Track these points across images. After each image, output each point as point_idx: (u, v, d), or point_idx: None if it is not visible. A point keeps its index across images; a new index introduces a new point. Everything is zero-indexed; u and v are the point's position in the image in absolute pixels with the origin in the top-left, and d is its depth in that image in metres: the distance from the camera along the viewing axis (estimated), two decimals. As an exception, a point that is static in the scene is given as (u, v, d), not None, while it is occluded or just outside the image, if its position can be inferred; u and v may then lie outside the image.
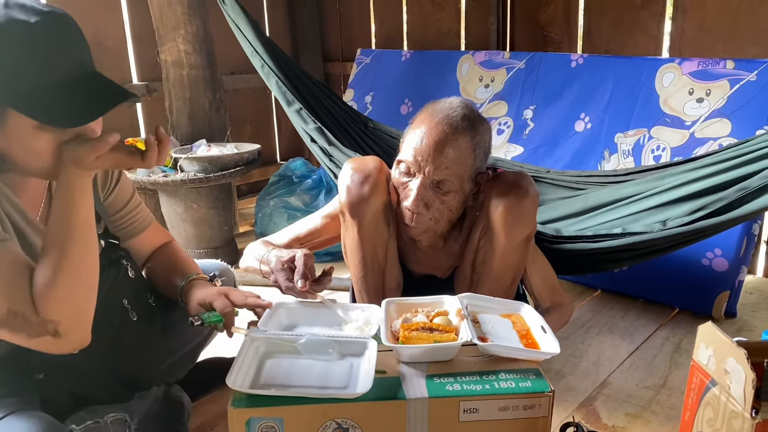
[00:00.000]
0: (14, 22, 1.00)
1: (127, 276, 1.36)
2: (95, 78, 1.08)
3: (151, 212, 1.51)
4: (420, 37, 3.36)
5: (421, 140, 1.40)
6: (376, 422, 1.08)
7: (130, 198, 1.43)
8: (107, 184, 1.38)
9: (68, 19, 1.08)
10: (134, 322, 1.34)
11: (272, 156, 3.71)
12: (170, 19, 2.65)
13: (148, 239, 1.48)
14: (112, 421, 1.24)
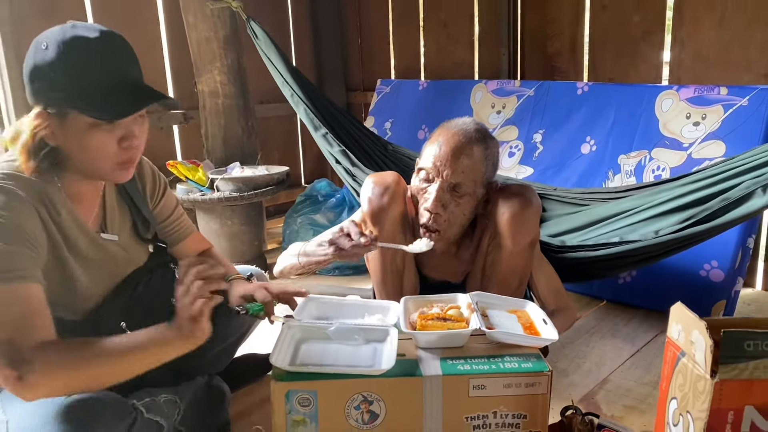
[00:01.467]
0: (79, 38, 1.22)
1: (176, 278, 1.57)
2: (142, 86, 1.28)
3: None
4: (436, 67, 3.59)
5: (439, 148, 1.60)
6: (396, 396, 1.25)
7: (174, 208, 1.63)
8: (155, 194, 1.57)
9: (121, 38, 1.29)
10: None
11: (297, 179, 3.93)
12: (207, 53, 2.90)
13: (191, 245, 1.68)
14: (164, 401, 1.41)
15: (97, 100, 1.22)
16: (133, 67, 1.29)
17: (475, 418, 1.27)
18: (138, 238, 1.50)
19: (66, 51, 1.21)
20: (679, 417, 1.07)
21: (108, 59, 1.25)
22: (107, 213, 1.44)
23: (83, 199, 1.37)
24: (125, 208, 1.48)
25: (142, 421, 1.30)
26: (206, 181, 2.64)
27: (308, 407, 1.24)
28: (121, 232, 1.46)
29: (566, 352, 2.04)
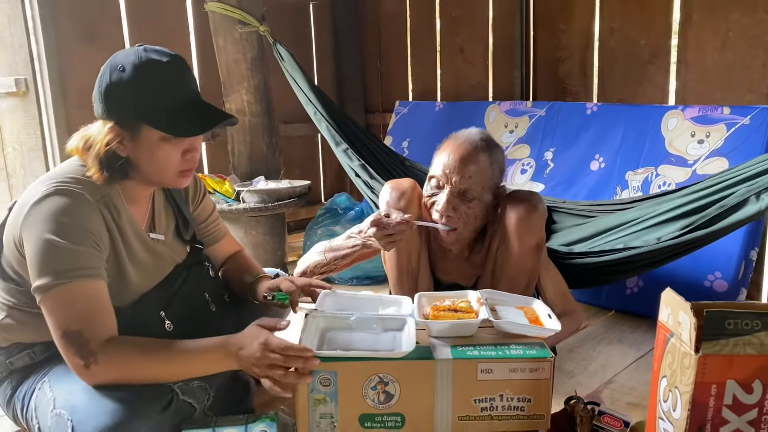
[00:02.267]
0: (153, 62, 1.38)
1: (209, 275, 1.70)
2: (204, 104, 1.45)
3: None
4: (452, 90, 3.74)
5: (448, 157, 1.73)
6: (410, 378, 1.36)
7: (211, 212, 1.79)
8: (196, 198, 1.73)
9: (185, 62, 1.45)
10: (212, 311, 1.66)
11: (317, 197, 4.08)
12: (236, 74, 3.07)
13: (225, 246, 1.83)
14: (196, 386, 1.53)
15: (169, 118, 1.37)
16: (196, 86, 1.46)
17: (482, 401, 1.37)
18: (179, 239, 1.64)
19: (141, 73, 1.36)
20: (668, 393, 1.17)
21: (178, 81, 1.41)
22: (156, 215, 1.59)
23: (137, 202, 1.52)
24: (170, 211, 1.64)
25: (177, 401, 1.42)
26: (233, 193, 2.79)
27: (329, 387, 1.35)
28: (166, 233, 1.60)
29: (573, 356, 2.13)
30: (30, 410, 1.46)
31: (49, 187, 1.38)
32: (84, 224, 1.35)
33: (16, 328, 1.51)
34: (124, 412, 1.31)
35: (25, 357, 1.52)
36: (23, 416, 1.50)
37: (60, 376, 1.44)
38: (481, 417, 1.38)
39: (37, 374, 1.49)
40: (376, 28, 4.10)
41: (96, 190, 1.42)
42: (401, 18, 3.97)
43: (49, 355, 1.51)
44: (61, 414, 1.37)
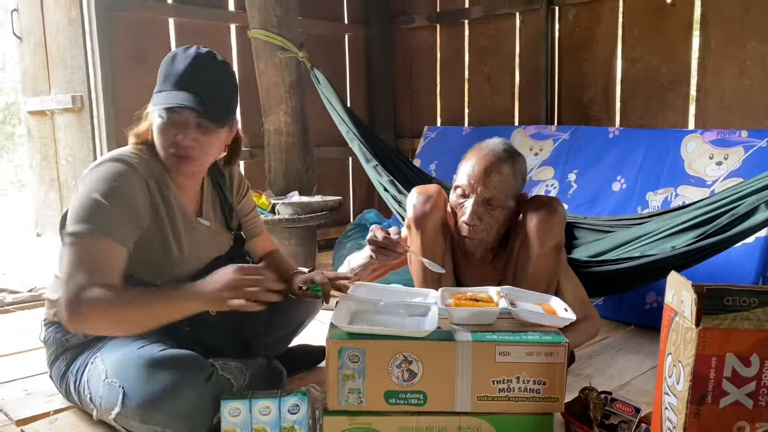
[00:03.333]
0: (176, 53, 1.61)
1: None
2: (195, 94, 1.58)
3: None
4: (479, 115, 3.90)
5: (472, 168, 1.85)
6: (432, 357, 1.45)
7: (252, 209, 1.95)
8: (240, 191, 1.90)
9: (210, 60, 1.62)
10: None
11: (347, 217, 4.23)
12: (275, 97, 3.26)
13: (262, 243, 1.98)
14: (234, 366, 1.65)
15: (158, 97, 1.56)
16: (201, 79, 1.55)
17: (501, 382, 1.46)
18: (224, 227, 1.80)
19: (165, 61, 1.61)
20: (672, 369, 1.26)
21: (184, 71, 1.55)
22: (204, 202, 1.75)
23: (184, 188, 1.69)
24: (217, 200, 1.80)
25: (217, 375, 1.55)
26: (268, 205, 2.95)
27: (357, 363, 1.46)
28: (213, 220, 1.76)
29: (591, 362, 2.21)
30: (83, 383, 1.60)
31: (107, 156, 1.58)
32: (128, 193, 1.52)
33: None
34: (172, 379, 1.45)
35: (79, 334, 1.66)
36: (75, 390, 1.64)
37: (111, 350, 1.58)
38: (498, 397, 1.46)
39: (89, 351, 1.64)
40: (407, 58, 4.30)
41: (150, 166, 1.61)
42: (432, 48, 4.16)
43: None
44: (113, 383, 1.50)
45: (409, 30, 4.26)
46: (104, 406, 1.50)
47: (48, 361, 1.75)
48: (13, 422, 1.74)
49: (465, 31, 3.96)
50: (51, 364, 1.74)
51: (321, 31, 4.08)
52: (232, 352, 1.72)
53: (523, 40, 3.63)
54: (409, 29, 4.26)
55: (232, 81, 1.65)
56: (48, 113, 3.20)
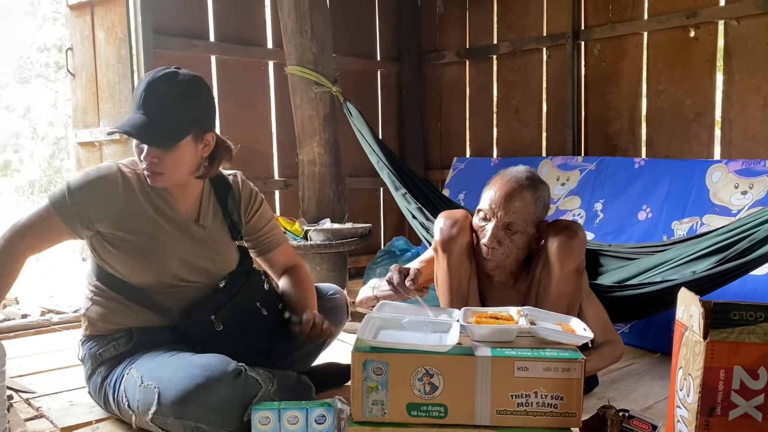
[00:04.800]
0: (147, 76, 1.74)
1: (263, 287, 1.95)
2: (141, 116, 1.73)
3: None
4: (507, 147, 3.99)
5: (494, 193, 1.93)
6: (453, 372, 1.51)
7: (267, 222, 2.05)
8: (249, 207, 2.00)
9: (168, 79, 1.73)
10: (264, 315, 1.90)
11: (377, 245, 4.32)
12: (309, 129, 3.41)
13: (282, 254, 2.08)
14: (262, 371, 1.73)
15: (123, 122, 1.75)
16: (155, 107, 1.69)
17: (519, 396, 1.51)
18: (228, 236, 1.93)
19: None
20: (683, 382, 1.31)
21: (143, 92, 1.71)
22: (202, 209, 1.89)
23: (181, 197, 1.84)
24: (218, 208, 1.93)
25: (246, 375, 1.65)
26: (301, 232, 3.07)
27: (380, 376, 1.53)
28: (211, 226, 1.89)
29: (615, 386, 2.23)
30: (120, 393, 1.72)
31: (109, 162, 1.80)
32: (97, 189, 1.74)
33: (99, 316, 1.83)
34: (203, 375, 1.56)
35: (111, 348, 1.80)
36: (114, 400, 1.75)
37: (145, 361, 1.72)
38: (517, 411, 1.51)
39: (123, 363, 1.77)
40: (437, 92, 4.43)
41: (140, 176, 1.78)
42: (461, 82, 4.29)
43: (131, 347, 1.80)
44: (148, 385, 1.62)
45: (439, 65, 4.40)
46: (141, 408, 1.61)
47: (85, 377, 1.88)
48: (58, 430, 1.85)
49: (493, 66, 4.09)
50: (88, 378, 1.86)
51: (354, 68, 4.25)
52: (259, 359, 1.81)
53: (550, 74, 3.73)
54: (440, 65, 4.40)
55: (188, 96, 1.72)
56: (96, 144, 3.39)
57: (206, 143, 1.79)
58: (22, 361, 2.48)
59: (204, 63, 3.58)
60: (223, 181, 1.95)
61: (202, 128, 1.77)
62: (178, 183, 1.80)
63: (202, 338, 1.76)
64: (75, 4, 3.40)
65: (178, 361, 1.65)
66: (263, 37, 3.84)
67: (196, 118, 1.75)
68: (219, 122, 3.62)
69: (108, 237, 1.77)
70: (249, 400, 1.61)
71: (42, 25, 7.95)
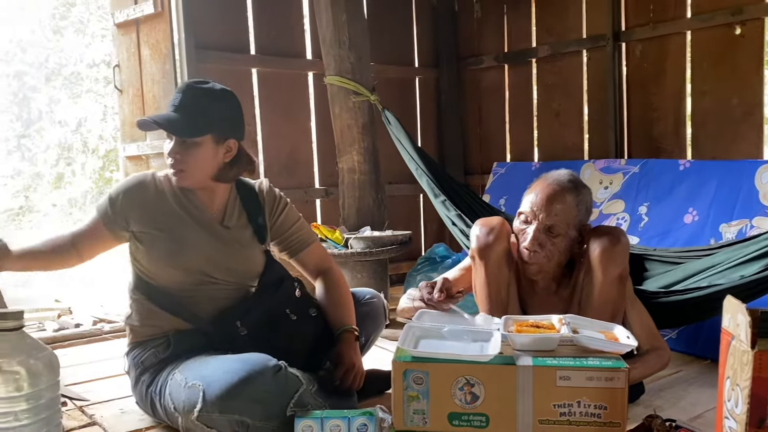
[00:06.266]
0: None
1: (294, 295, 1.99)
2: (168, 114, 1.87)
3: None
4: (548, 151, 3.94)
5: (536, 195, 1.92)
6: (494, 381, 1.51)
7: (294, 223, 2.10)
8: (273, 210, 2.07)
9: (194, 89, 1.88)
10: (293, 321, 1.93)
11: (418, 251, 4.32)
12: (348, 138, 3.44)
13: (313, 254, 2.13)
14: (302, 372, 1.77)
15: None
16: (179, 103, 1.84)
17: (561, 406, 1.50)
18: (254, 237, 1.99)
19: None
20: (731, 392, 1.28)
21: (174, 98, 1.86)
22: (227, 212, 1.97)
23: (208, 200, 1.95)
24: (243, 212, 2.00)
25: (286, 371, 1.69)
26: (342, 240, 3.10)
27: (421, 385, 1.54)
28: (235, 227, 1.97)
29: (663, 394, 2.18)
30: (165, 397, 1.77)
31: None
32: (133, 195, 1.89)
33: (138, 322, 1.93)
34: (245, 369, 1.62)
35: (151, 356, 1.88)
36: (161, 405, 1.81)
37: (188, 364, 1.78)
38: (560, 421, 1.50)
39: (166, 369, 1.83)
40: (476, 97, 4.42)
41: (171, 181, 1.91)
42: (500, 87, 4.27)
43: (170, 354, 1.87)
44: (193, 385, 1.68)
45: (477, 70, 4.39)
46: (187, 407, 1.66)
47: (131, 386, 1.96)
48: (110, 436, 1.92)
49: (533, 69, 4.05)
50: (134, 387, 1.94)
51: (393, 75, 4.27)
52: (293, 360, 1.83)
53: (591, 76, 3.68)
54: (478, 70, 4.38)
55: (215, 102, 1.86)
56: (143, 158, 3.50)
57: (228, 149, 1.90)
58: (75, 369, 2.58)
59: (245, 76, 3.66)
60: (248, 188, 2.05)
61: (225, 132, 1.88)
62: (201, 185, 1.91)
63: (227, 343, 1.82)
64: (121, 22, 3.52)
65: (218, 359, 1.72)
66: (302, 48, 3.89)
67: (220, 122, 1.87)
68: (261, 133, 3.72)
69: (139, 235, 1.89)
70: (291, 394, 1.66)
71: (91, 42, 8.23)
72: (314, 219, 3.89)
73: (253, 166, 2.00)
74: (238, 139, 1.93)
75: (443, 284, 1.88)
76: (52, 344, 2.74)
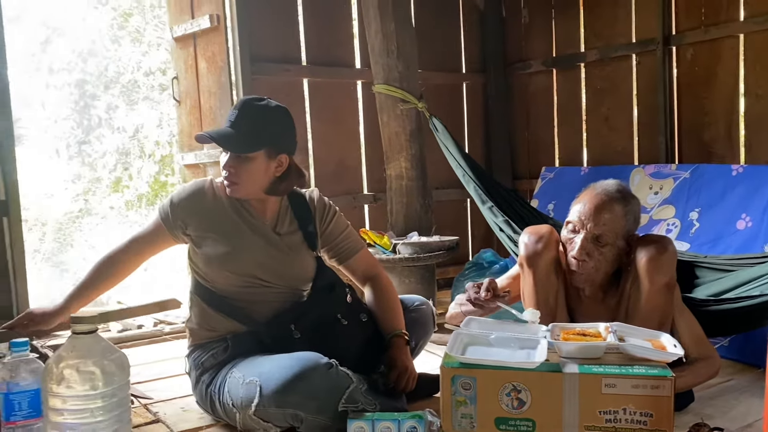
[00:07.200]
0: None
1: (345, 300, 2.07)
2: (226, 129, 1.98)
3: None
4: (597, 155, 3.93)
5: (584, 205, 1.95)
6: (540, 388, 1.56)
7: (342, 231, 2.19)
8: (323, 219, 2.16)
9: (250, 106, 1.98)
10: (344, 325, 2.01)
11: (465, 256, 4.36)
12: (396, 144, 3.51)
13: (361, 260, 2.21)
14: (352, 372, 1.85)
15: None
16: (234, 120, 1.94)
17: (607, 413, 1.53)
18: (305, 244, 2.09)
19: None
20: (778, 404, 1.29)
21: (232, 113, 1.96)
22: (279, 219, 2.07)
23: (262, 208, 2.05)
24: (295, 220, 2.10)
25: (337, 368, 1.78)
26: (390, 245, 3.17)
27: (469, 390, 1.59)
28: (287, 234, 2.07)
29: (713, 402, 2.17)
30: (224, 395, 1.87)
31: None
32: (193, 199, 2.00)
33: (197, 326, 2.04)
34: (299, 366, 1.72)
35: (210, 357, 1.99)
36: (220, 404, 1.91)
37: (244, 363, 1.88)
38: (606, 428, 1.53)
39: (224, 370, 1.94)
40: (524, 101, 4.43)
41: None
42: (548, 91, 4.27)
43: (228, 355, 1.97)
44: (250, 381, 1.78)
45: (525, 75, 4.40)
46: (245, 403, 1.76)
47: (192, 386, 2.07)
48: (173, 433, 2.03)
49: (581, 74, 4.04)
50: (194, 387, 2.05)
51: (440, 81, 4.32)
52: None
53: (640, 81, 3.65)
54: (526, 74, 4.39)
55: (269, 119, 1.96)
56: (201, 166, 3.64)
57: (279, 163, 1.99)
58: (139, 369, 2.72)
59: (297, 86, 3.77)
60: (299, 197, 2.16)
61: (277, 148, 1.98)
62: (253, 196, 2.01)
63: (282, 345, 1.90)
64: (179, 36, 3.67)
65: (274, 358, 1.82)
66: (351, 58, 3.99)
67: (273, 138, 1.96)
68: (311, 141, 3.82)
69: (196, 239, 2.01)
70: (342, 390, 1.74)
71: (147, 51, 8.52)
72: (363, 224, 3.97)
73: (303, 180, 2.10)
74: (289, 154, 2.02)
75: (489, 284, 1.93)
76: (116, 345, 2.88)
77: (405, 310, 2.17)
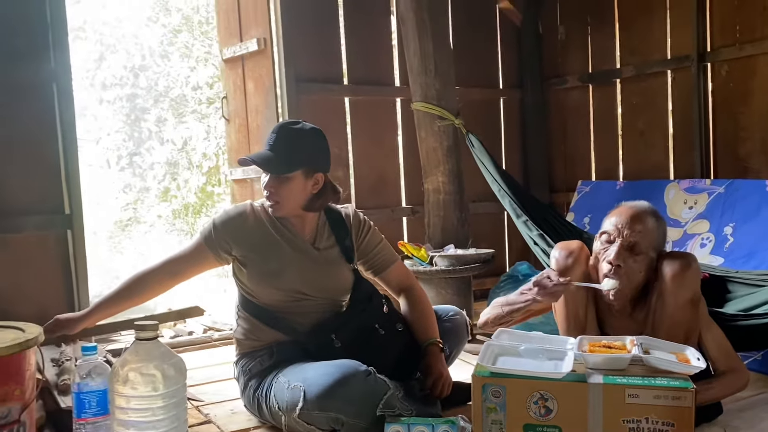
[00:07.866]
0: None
1: (382, 311, 2.20)
2: (267, 153, 2.10)
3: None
4: (632, 170, 3.98)
5: (619, 215, 2.02)
6: (566, 397, 1.65)
7: (377, 244, 2.32)
8: (360, 232, 2.29)
9: (288, 129, 2.13)
10: (381, 334, 2.14)
11: (502, 268, 4.44)
12: (433, 159, 3.63)
13: (396, 272, 2.33)
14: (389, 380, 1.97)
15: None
16: (274, 143, 2.07)
17: (630, 422, 1.62)
18: (342, 257, 2.22)
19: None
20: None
21: (270, 136, 2.09)
22: (318, 235, 2.20)
23: (301, 225, 2.18)
24: (332, 235, 2.23)
25: (375, 375, 1.91)
26: (427, 258, 3.29)
27: (498, 398, 1.70)
28: (325, 248, 2.20)
29: (742, 415, 2.21)
30: (270, 399, 2.02)
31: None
32: (234, 223, 2.13)
33: (244, 336, 2.19)
34: (340, 373, 1.85)
35: (257, 364, 2.14)
36: (267, 407, 2.05)
37: (289, 369, 2.02)
38: (629, 436, 1.62)
39: (270, 376, 2.08)
40: (561, 116, 4.50)
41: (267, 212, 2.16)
42: (584, 107, 4.34)
43: (274, 362, 2.11)
44: (295, 386, 1.92)
45: (562, 90, 4.48)
46: (290, 406, 1.90)
47: (240, 391, 2.22)
48: (224, 433, 2.19)
49: (617, 89, 4.10)
50: (242, 392, 2.20)
51: (477, 97, 4.43)
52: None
53: (676, 97, 3.70)
54: (562, 90, 4.47)
55: (305, 141, 2.08)
56: (248, 181, 3.84)
57: (316, 181, 2.13)
58: (191, 373, 2.87)
59: (339, 105, 3.94)
60: (336, 213, 2.29)
61: (313, 167, 2.11)
62: (293, 213, 2.15)
63: (323, 353, 2.03)
64: (228, 58, 3.88)
65: (316, 365, 1.96)
66: (391, 76, 4.13)
67: (309, 158, 2.10)
68: (352, 157, 3.97)
69: (241, 260, 2.15)
70: (380, 396, 1.87)
71: (195, 66, 8.85)
72: (401, 237, 4.10)
73: (338, 196, 2.24)
74: (324, 172, 2.17)
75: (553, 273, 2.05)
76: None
77: (439, 320, 2.28)
